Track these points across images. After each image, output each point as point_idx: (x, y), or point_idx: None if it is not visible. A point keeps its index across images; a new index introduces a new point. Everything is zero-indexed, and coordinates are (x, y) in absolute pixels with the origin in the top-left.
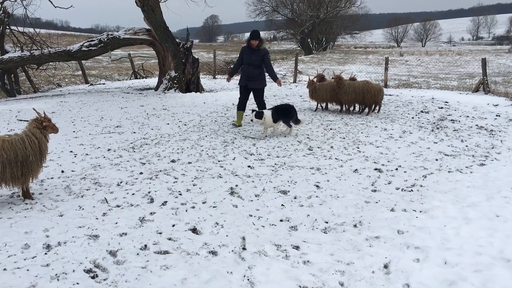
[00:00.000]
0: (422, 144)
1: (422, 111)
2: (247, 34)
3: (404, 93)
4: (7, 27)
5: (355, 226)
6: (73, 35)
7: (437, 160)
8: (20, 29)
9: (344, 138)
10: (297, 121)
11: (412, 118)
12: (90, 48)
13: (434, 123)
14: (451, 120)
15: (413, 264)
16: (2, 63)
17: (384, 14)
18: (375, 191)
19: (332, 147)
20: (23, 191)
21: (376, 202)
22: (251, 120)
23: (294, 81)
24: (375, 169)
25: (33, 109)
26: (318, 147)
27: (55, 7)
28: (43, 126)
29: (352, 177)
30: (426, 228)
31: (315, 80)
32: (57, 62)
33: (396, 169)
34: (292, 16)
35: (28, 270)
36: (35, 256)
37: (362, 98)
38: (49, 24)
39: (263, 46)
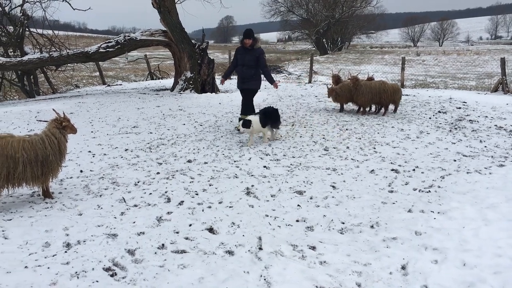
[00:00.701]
0: (439, 144)
1: (439, 111)
2: (262, 35)
3: (421, 93)
4: (27, 29)
5: (372, 227)
6: (91, 37)
7: (455, 161)
8: (39, 31)
9: (360, 139)
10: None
11: (430, 118)
12: (108, 49)
13: (452, 123)
14: (470, 120)
15: (431, 265)
16: (21, 64)
17: (401, 14)
18: (392, 191)
19: (348, 147)
20: (43, 190)
21: (393, 203)
22: (238, 130)
23: (310, 82)
24: (392, 169)
25: (53, 109)
26: (334, 148)
27: (74, 9)
28: (63, 126)
29: (368, 177)
30: (444, 229)
31: (333, 86)
32: (75, 64)
33: (413, 169)
34: (307, 16)
35: (48, 268)
36: (55, 254)
37: (378, 99)
38: (67, 26)
39: (258, 46)
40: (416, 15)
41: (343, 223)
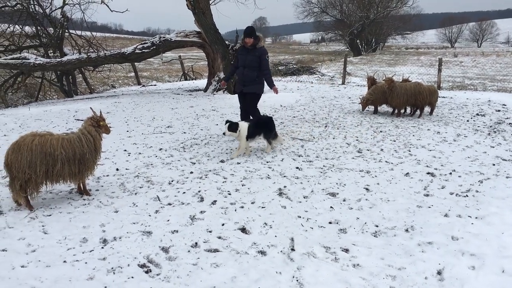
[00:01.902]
0: (478, 148)
1: (478, 114)
2: (295, 36)
3: (459, 95)
4: (66, 30)
5: (406, 230)
6: (126, 38)
7: (494, 165)
8: (78, 32)
9: (394, 141)
10: (275, 136)
11: (467, 121)
12: (143, 50)
13: (491, 126)
14: (510, 123)
15: (468, 271)
16: (61, 65)
17: (438, 14)
18: (427, 195)
19: (382, 149)
20: (79, 187)
21: (429, 207)
22: (223, 134)
23: (343, 83)
24: (428, 173)
25: (90, 108)
26: (368, 150)
27: (112, 11)
28: (99, 125)
29: (403, 180)
30: (482, 234)
31: (365, 96)
32: (111, 64)
33: (450, 173)
34: (341, 17)
35: (86, 263)
36: (93, 250)
37: (414, 100)
38: (104, 27)
39: (260, 45)
40: (454, 15)
41: (377, 226)
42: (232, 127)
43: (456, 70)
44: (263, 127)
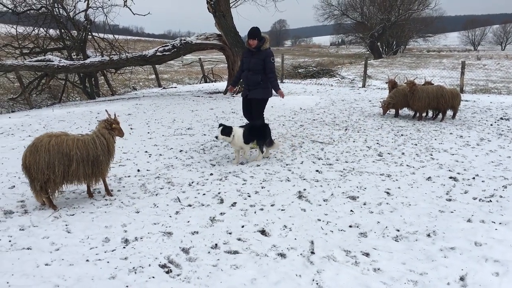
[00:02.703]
0: (502, 152)
1: (502, 118)
2: (315, 38)
3: (482, 99)
4: (89, 33)
5: (428, 235)
6: (147, 41)
7: None
8: (101, 35)
9: (416, 145)
10: (271, 143)
11: (491, 125)
12: (164, 53)
13: None
14: None
15: (492, 278)
16: (84, 67)
17: (460, 16)
18: (450, 200)
19: (403, 153)
20: (88, 188)
21: (451, 212)
22: (216, 138)
23: (363, 86)
24: (450, 177)
25: (106, 110)
26: (389, 153)
27: (134, 14)
28: (112, 128)
29: (425, 185)
30: (506, 241)
31: (386, 100)
32: (133, 67)
33: (473, 178)
34: (362, 19)
35: (108, 262)
36: (115, 249)
37: (436, 104)
38: (125, 30)
39: (265, 47)
40: (477, 18)
41: (398, 230)
42: (226, 131)
43: (479, 73)
44: (257, 134)
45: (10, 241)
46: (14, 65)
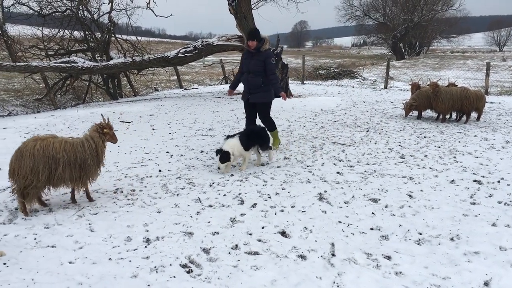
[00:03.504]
0: None
1: None
2: (336, 39)
3: (508, 101)
4: (113, 35)
5: (451, 239)
6: (169, 42)
7: None
8: (124, 37)
9: (439, 147)
10: (269, 148)
11: None
12: (186, 54)
13: None
14: None
15: None
16: (107, 68)
17: (485, 17)
18: (474, 203)
19: (426, 156)
20: (72, 193)
21: (476, 216)
22: (218, 168)
23: (385, 87)
24: (474, 180)
25: (101, 114)
26: (411, 156)
27: (157, 16)
28: (103, 133)
29: (448, 188)
30: None
31: (409, 101)
32: (155, 68)
33: (498, 181)
34: (384, 20)
35: (130, 261)
36: (136, 249)
37: (460, 106)
38: (148, 32)
39: (265, 48)
40: (503, 18)
41: (421, 234)
42: (224, 157)
43: (504, 74)
44: (255, 139)
45: (35, 238)
46: (40, 66)
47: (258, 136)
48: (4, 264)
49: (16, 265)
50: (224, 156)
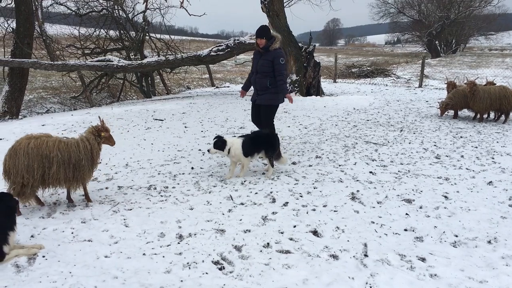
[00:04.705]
0: None
1: None
2: (369, 37)
3: None
4: (147, 34)
5: (489, 242)
6: (201, 41)
7: None
8: (157, 35)
9: (476, 147)
10: (278, 156)
11: None
12: (218, 53)
13: None
14: None
15: None
16: (141, 67)
17: None
18: None
19: (462, 156)
20: (68, 193)
21: None
22: (208, 151)
23: (420, 86)
24: None
25: (99, 117)
26: (447, 156)
27: (190, 15)
28: (99, 135)
29: (486, 189)
30: None
31: (444, 100)
32: (187, 66)
33: None
34: (419, 17)
35: (163, 256)
36: (170, 245)
37: (498, 105)
38: (181, 30)
39: (275, 46)
40: None
41: (456, 236)
42: (218, 144)
43: None
44: (263, 144)
45: (72, 233)
46: (76, 65)
47: (264, 141)
48: (43, 257)
49: (54, 258)
50: (219, 143)
